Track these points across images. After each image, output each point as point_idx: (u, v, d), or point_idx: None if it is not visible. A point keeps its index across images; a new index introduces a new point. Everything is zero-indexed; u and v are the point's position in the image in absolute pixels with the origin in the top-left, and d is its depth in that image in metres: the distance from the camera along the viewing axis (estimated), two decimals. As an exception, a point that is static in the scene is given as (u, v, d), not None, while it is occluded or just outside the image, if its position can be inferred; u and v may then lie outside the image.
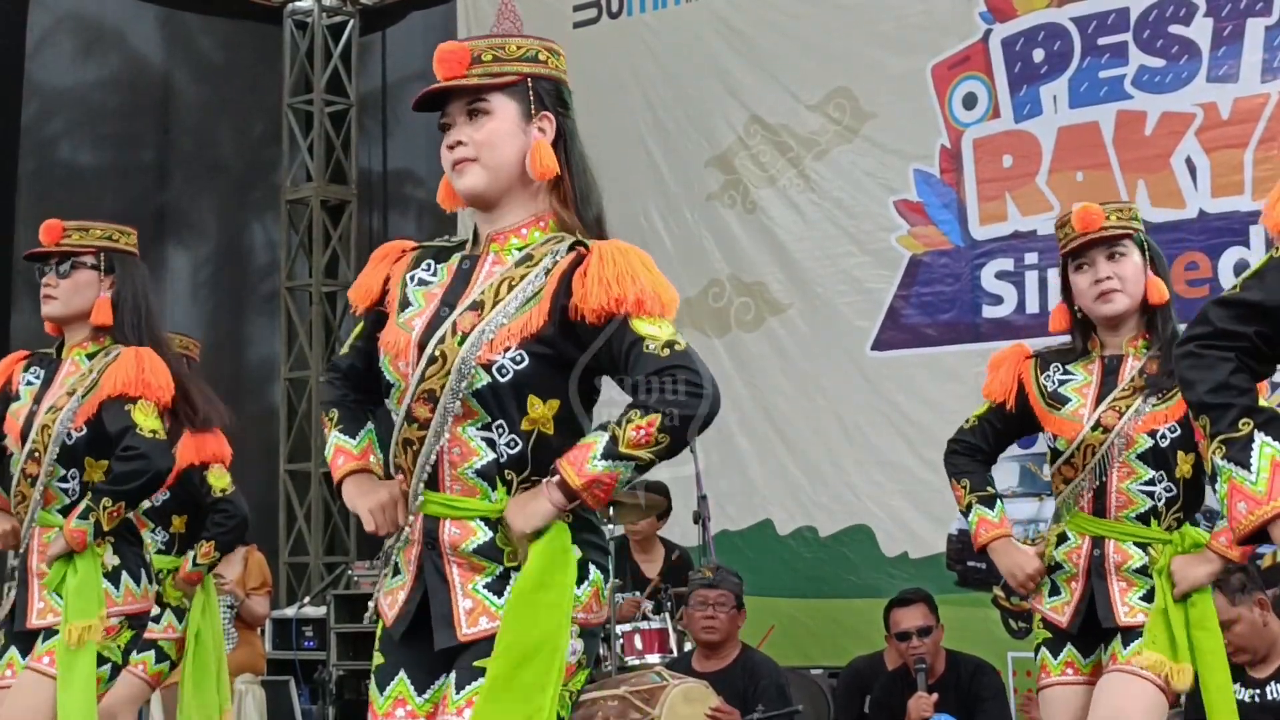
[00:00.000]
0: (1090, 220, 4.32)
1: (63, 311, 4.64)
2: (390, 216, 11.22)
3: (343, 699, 9.12)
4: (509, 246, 3.05)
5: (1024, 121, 7.85)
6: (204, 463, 5.75)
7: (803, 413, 8.40)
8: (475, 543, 2.95)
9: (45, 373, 4.67)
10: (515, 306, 2.95)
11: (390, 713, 3.02)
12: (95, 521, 4.43)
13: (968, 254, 7.97)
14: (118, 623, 4.54)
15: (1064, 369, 4.37)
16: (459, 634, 2.93)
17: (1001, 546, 4.41)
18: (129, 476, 4.45)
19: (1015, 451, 6.34)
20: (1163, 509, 4.23)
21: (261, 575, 8.26)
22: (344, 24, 11.24)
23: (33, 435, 4.53)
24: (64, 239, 4.63)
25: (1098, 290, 4.30)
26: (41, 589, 4.53)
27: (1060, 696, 4.32)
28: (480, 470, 2.95)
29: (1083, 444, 4.26)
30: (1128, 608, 4.21)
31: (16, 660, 4.58)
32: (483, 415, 2.94)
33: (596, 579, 2.99)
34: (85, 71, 10.36)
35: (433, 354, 2.96)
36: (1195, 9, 7.41)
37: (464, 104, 3.03)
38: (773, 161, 8.61)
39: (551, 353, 2.94)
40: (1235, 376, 2.50)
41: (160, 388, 4.54)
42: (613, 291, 2.88)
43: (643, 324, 2.89)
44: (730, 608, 6.51)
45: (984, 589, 7.30)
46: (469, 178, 3.03)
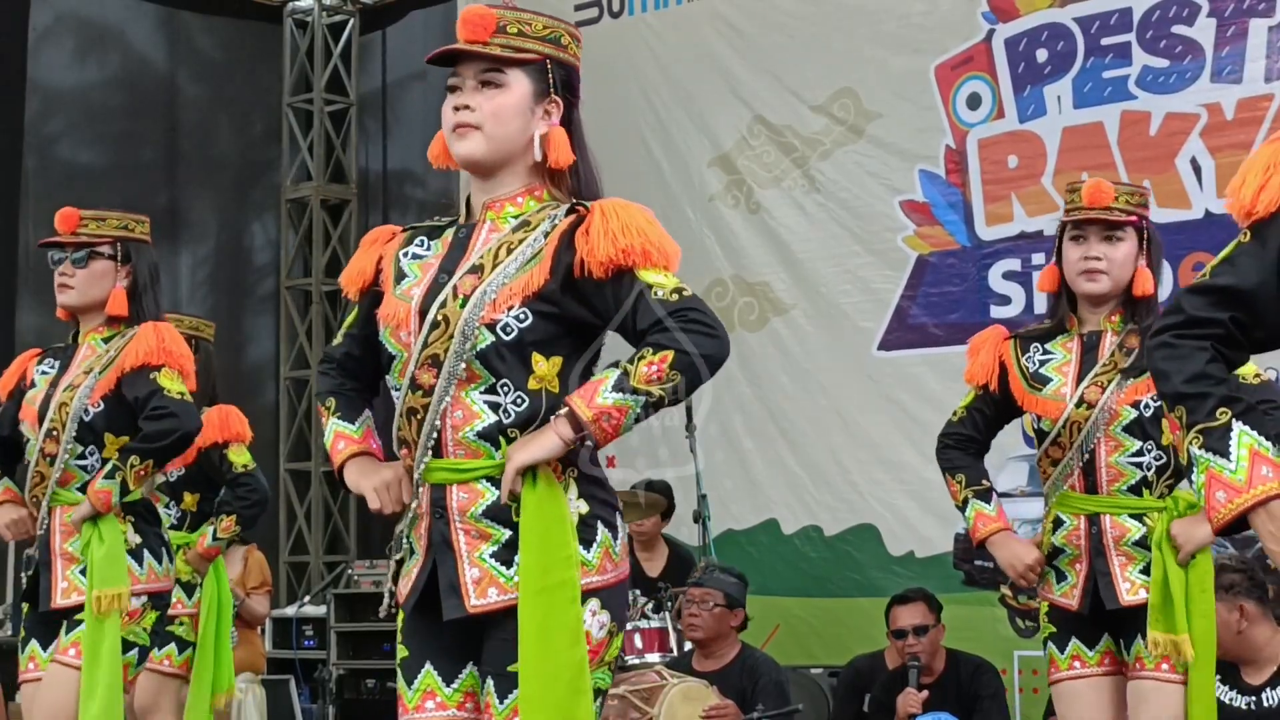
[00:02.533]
0: (1097, 197, 4.33)
1: (79, 301, 4.67)
2: (390, 216, 11.20)
3: (343, 698, 9.11)
4: (505, 214, 3.06)
5: (1028, 122, 7.85)
6: (225, 441, 5.75)
7: (807, 413, 8.39)
8: (483, 505, 2.95)
9: (60, 361, 4.70)
10: (516, 267, 2.95)
11: (420, 705, 3.02)
12: (121, 481, 4.42)
13: (974, 254, 7.97)
14: (141, 604, 4.53)
15: (1043, 349, 4.38)
16: (467, 604, 2.93)
17: (1000, 540, 4.41)
18: (159, 435, 4.46)
19: (1024, 451, 6.35)
20: (1153, 478, 4.24)
21: (261, 574, 8.25)
22: (344, 23, 11.23)
23: (50, 414, 4.54)
24: (80, 228, 4.65)
25: (1084, 266, 4.32)
26: (65, 568, 4.51)
27: (1071, 690, 4.33)
28: (482, 433, 2.95)
29: (1068, 422, 4.26)
30: (1129, 584, 4.22)
31: (38, 653, 4.58)
32: (486, 377, 2.94)
33: (605, 539, 2.98)
34: (86, 71, 10.35)
35: (435, 319, 2.96)
36: (1198, 9, 7.41)
37: (478, 69, 3.02)
38: (777, 162, 8.60)
39: (555, 310, 2.95)
40: (1211, 365, 2.48)
41: (182, 356, 4.56)
42: (619, 243, 2.89)
43: (649, 274, 2.91)
44: (716, 605, 6.50)
45: (991, 588, 7.32)
46: (469, 143, 3.02)
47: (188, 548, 5.72)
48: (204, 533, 5.75)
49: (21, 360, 4.81)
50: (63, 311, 4.74)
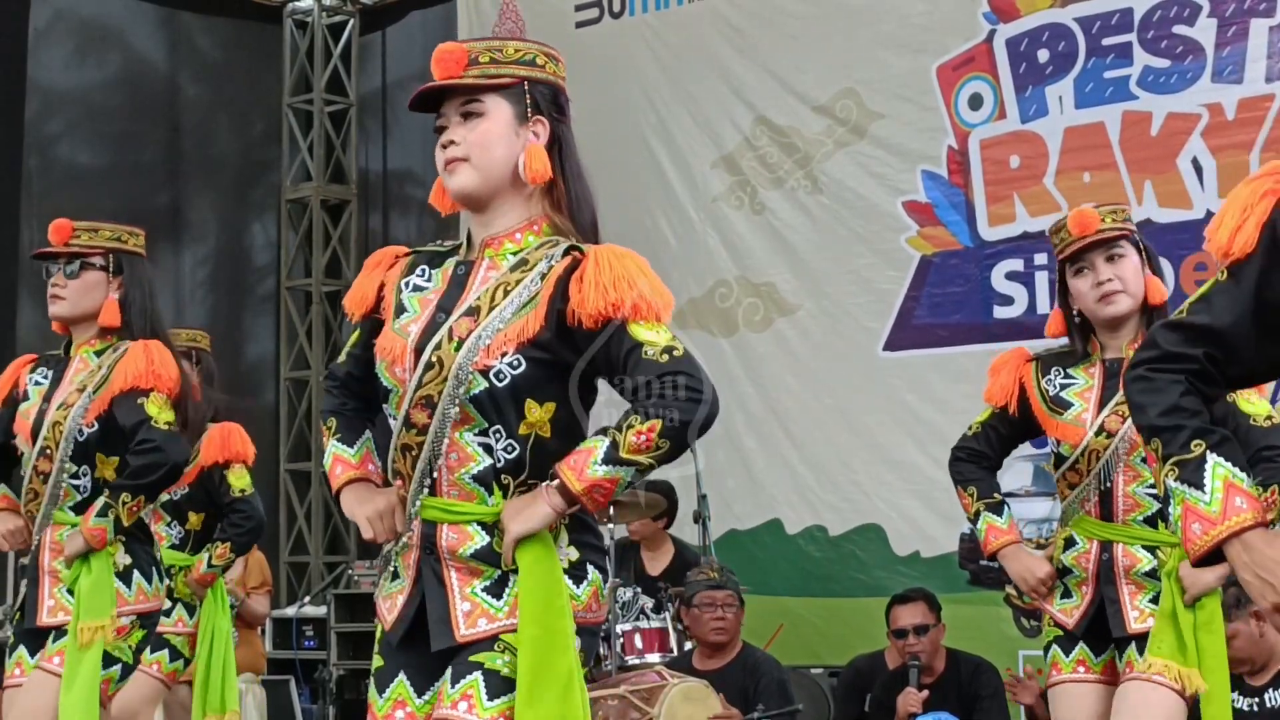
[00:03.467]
0: (1086, 224, 4.31)
1: (70, 312, 4.65)
2: (390, 216, 11.22)
3: (343, 698, 9.11)
4: (503, 251, 3.05)
5: (1030, 122, 7.86)
6: (226, 461, 5.75)
7: (812, 413, 8.40)
8: (473, 548, 2.96)
9: (54, 372, 4.68)
10: (511, 312, 2.95)
11: (390, 714, 3.03)
12: (115, 519, 4.43)
13: (977, 255, 7.98)
14: (129, 622, 4.54)
15: (1065, 372, 4.36)
16: (457, 635, 2.94)
17: (1011, 553, 4.41)
18: (146, 470, 4.46)
19: (1028, 451, 6.34)
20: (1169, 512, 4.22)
21: (262, 575, 8.24)
22: (344, 24, 11.24)
23: (44, 432, 4.54)
24: (73, 239, 4.63)
25: (1100, 292, 4.29)
26: (53, 587, 4.53)
27: (1072, 693, 4.32)
28: (477, 475, 2.96)
29: (1087, 449, 4.25)
30: (1138, 612, 4.21)
31: (25, 659, 4.57)
32: (480, 421, 2.94)
33: (595, 579, 3.01)
34: (85, 71, 10.34)
35: (429, 360, 2.96)
36: (1199, 9, 7.42)
37: (459, 104, 3.04)
38: (780, 163, 8.61)
39: (548, 357, 2.94)
40: (1185, 399, 2.51)
41: (172, 379, 4.55)
42: (610, 296, 2.88)
43: (640, 329, 2.90)
44: (736, 607, 6.52)
45: (996, 588, 7.32)
46: (459, 177, 3.03)
47: (187, 571, 5.72)
48: (200, 559, 5.75)
49: (15, 367, 4.79)
50: (57, 324, 4.72)
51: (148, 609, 4.61)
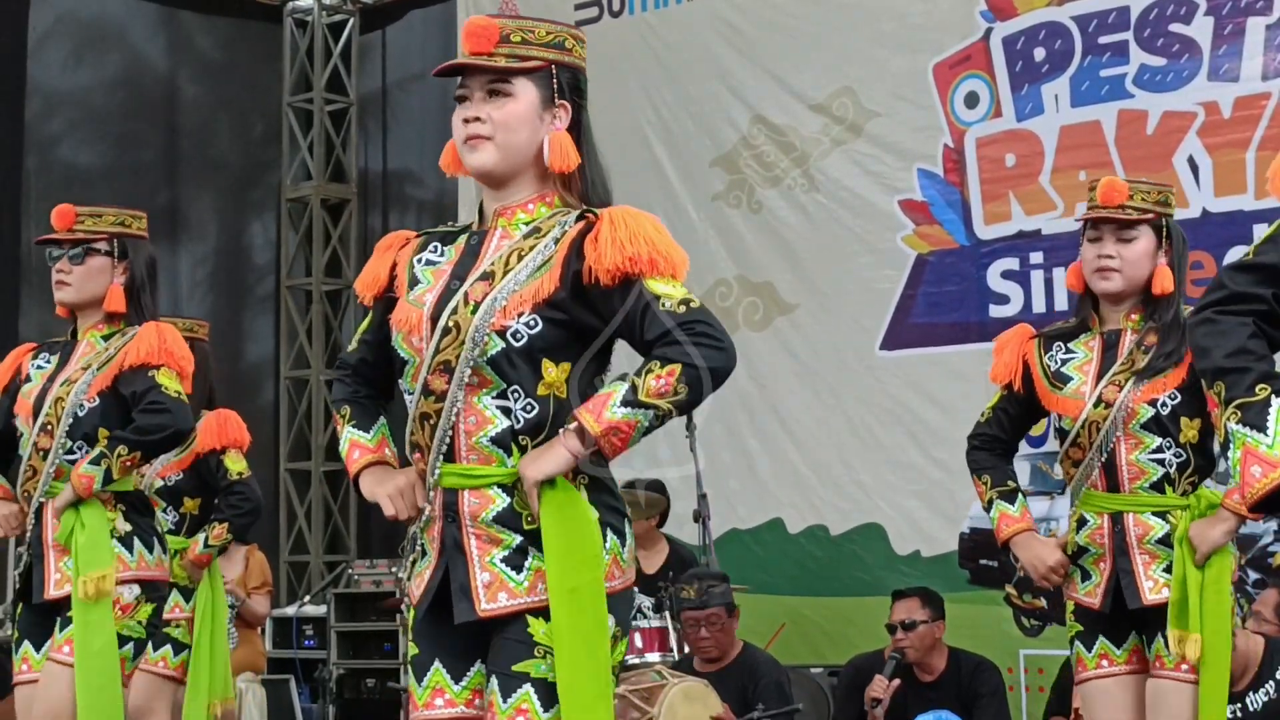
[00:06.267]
0: (1110, 195, 4.33)
1: (76, 298, 4.67)
2: (390, 215, 11.21)
3: (343, 698, 9.11)
4: (516, 221, 3.08)
5: (1026, 120, 7.87)
6: (223, 447, 5.77)
7: (812, 412, 8.40)
8: (494, 510, 2.97)
9: (59, 356, 4.70)
10: (526, 274, 2.98)
11: (430, 703, 3.05)
12: (106, 469, 4.42)
13: (973, 253, 7.99)
14: (134, 598, 4.53)
15: (1066, 347, 4.39)
16: (478, 608, 2.96)
17: (1023, 540, 4.41)
18: (150, 429, 4.47)
19: (1025, 450, 6.35)
20: (1175, 475, 4.24)
21: (262, 574, 8.27)
22: (344, 23, 11.23)
23: (45, 408, 4.55)
24: (77, 225, 4.66)
25: (1096, 265, 4.33)
26: (58, 560, 4.51)
27: (1100, 689, 4.33)
28: (495, 438, 2.98)
29: (1086, 421, 4.27)
30: (1152, 583, 4.22)
31: (31, 654, 4.58)
32: (497, 383, 2.97)
33: (614, 545, 3.04)
34: (85, 72, 10.34)
35: (446, 325, 2.99)
36: (1195, 7, 7.43)
37: (485, 80, 3.05)
38: (777, 161, 8.61)
39: (565, 317, 2.97)
40: (1252, 341, 2.48)
41: (183, 358, 4.57)
42: (626, 251, 2.91)
43: (657, 284, 2.93)
44: (724, 620, 6.51)
45: (996, 587, 7.35)
46: (482, 155, 3.05)
47: (183, 554, 5.73)
48: (196, 540, 5.76)
49: (16, 354, 4.81)
50: (62, 309, 4.74)
51: (150, 576, 4.59)
